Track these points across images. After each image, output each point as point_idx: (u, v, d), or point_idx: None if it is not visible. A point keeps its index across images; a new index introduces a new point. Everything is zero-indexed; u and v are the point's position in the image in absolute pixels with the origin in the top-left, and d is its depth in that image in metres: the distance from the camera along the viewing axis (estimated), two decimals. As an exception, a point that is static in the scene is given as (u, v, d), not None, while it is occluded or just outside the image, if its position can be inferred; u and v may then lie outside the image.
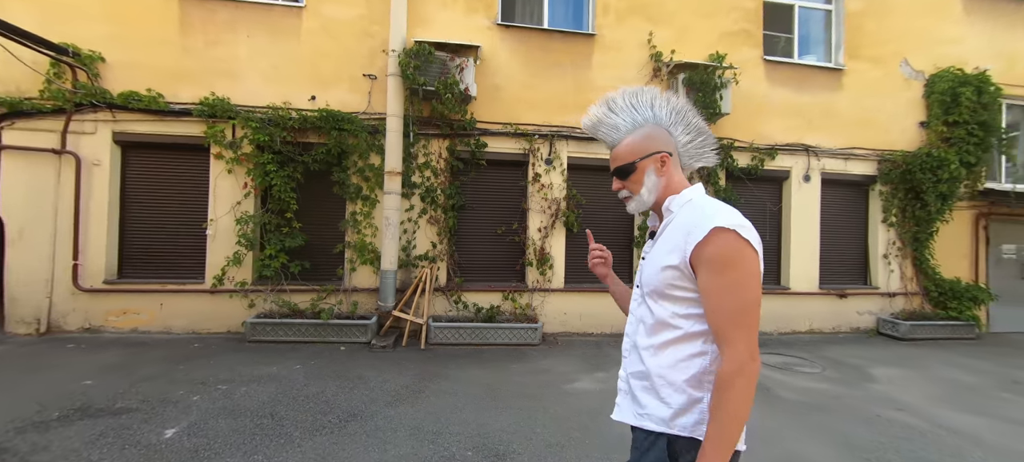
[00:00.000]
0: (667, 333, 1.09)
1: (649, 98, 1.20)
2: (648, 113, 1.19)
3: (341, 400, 3.60)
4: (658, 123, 1.19)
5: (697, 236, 1.01)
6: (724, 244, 0.99)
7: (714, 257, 0.99)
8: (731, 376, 0.95)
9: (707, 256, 1.00)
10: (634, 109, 1.19)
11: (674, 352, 1.08)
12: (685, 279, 1.05)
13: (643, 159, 1.15)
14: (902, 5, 7.00)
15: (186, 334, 5.31)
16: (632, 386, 1.17)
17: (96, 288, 5.20)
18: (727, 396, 0.95)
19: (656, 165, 1.15)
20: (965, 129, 6.63)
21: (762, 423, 3.47)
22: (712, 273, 1.00)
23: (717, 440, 0.95)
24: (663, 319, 1.09)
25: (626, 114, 1.20)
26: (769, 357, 5.42)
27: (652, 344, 1.11)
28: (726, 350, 0.98)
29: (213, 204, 5.40)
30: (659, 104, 1.20)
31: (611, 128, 1.21)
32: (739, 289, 0.98)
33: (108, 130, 5.27)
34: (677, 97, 1.21)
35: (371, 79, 5.69)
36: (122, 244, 5.43)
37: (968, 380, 4.77)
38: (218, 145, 5.35)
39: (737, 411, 0.95)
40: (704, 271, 1.01)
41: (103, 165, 5.25)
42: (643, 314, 1.16)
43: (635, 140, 1.17)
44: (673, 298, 1.08)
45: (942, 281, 6.80)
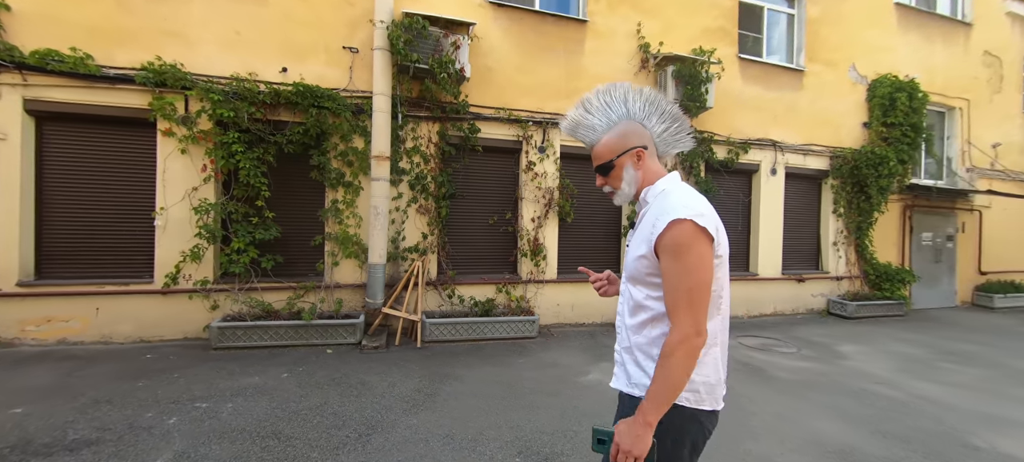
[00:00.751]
0: (643, 313, 1.22)
1: (622, 94, 1.27)
2: (622, 109, 1.27)
3: (350, 411, 3.22)
4: (632, 118, 1.27)
5: (659, 228, 1.12)
6: (679, 233, 1.09)
7: (670, 245, 1.10)
8: (674, 346, 1.07)
9: (664, 244, 1.11)
10: (608, 107, 1.27)
11: (650, 330, 1.20)
12: (653, 266, 1.17)
13: (620, 156, 1.24)
14: (851, 15, 7.67)
15: (132, 344, 4.50)
16: (623, 359, 1.30)
17: (7, 292, 4.22)
18: (668, 363, 1.07)
19: (633, 160, 1.24)
20: (900, 130, 7.46)
21: (772, 401, 3.65)
22: (668, 258, 1.11)
23: (655, 399, 1.07)
24: (639, 301, 1.22)
25: (601, 114, 1.27)
26: (748, 339, 5.76)
27: (634, 323, 1.24)
28: (674, 323, 1.10)
29: (162, 190, 4.59)
30: (631, 98, 1.28)
31: (589, 129, 1.29)
32: (689, 272, 1.09)
33: (17, 97, 4.25)
34: (649, 88, 1.28)
35: (352, 52, 5.13)
36: (40, 238, 4.45)
37: (914, 352, 5.40)
38: (167, 120, 4.53)
39: (676, 377, 1.07)
40: (663, 257, 1.13)
41: (11, 140, 4.24)
42: (626, 297, 1.29)
43: (611, 138, 1.25)
44: (646, 283, 1.20)
45: (878, 265, 7.67)
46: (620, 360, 1.31)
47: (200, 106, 4.56)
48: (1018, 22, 9.14)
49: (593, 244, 6.31)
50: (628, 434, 1.09)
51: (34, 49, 4.22)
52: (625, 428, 1.10)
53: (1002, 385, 4.29)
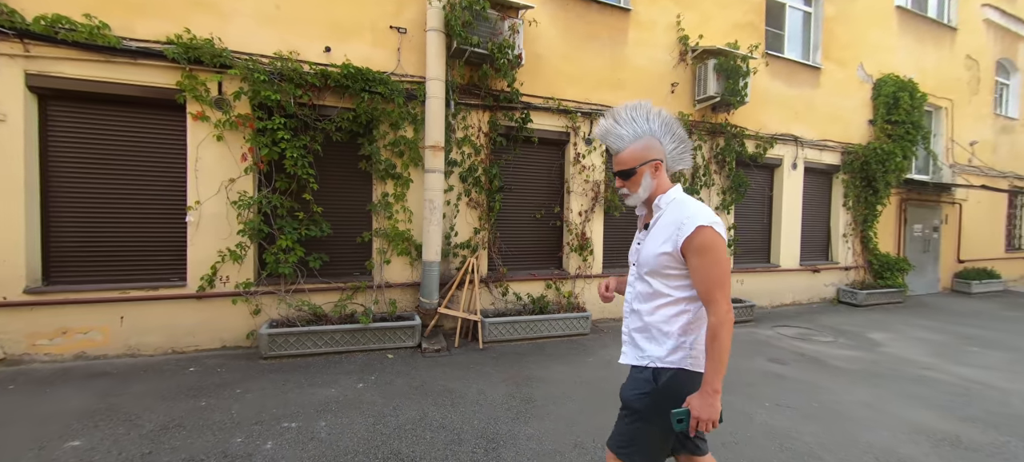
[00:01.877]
0: (660, 299, 1.46)
1: (645, 112, 1.48)
2: (645, 125, 1.47)
3: (456, 423, 2.98)
4: (652, 134, 1.47)
5: (687, 231, 1.36)
6: (706, 237, 1.35)
7: (699, 246, 1.35)
8: (719, 325, 1.33)
9: (694, 245, 1.35)
10: (634, 121, 1.47)
11: (665, 311, 1.45)
12: (675, 262, 1.41)
13: (642, 165, 1.45)
14: (859, 15, 7.99)
15: (163, 356, 3.99)
16: (634, 338, 1.54)
17: (12, 301, 3.60)
18: (719, 338, 1.32)
19: (651, 170, 1.46)
20: (903, 128, 7.90)
21: (851, 391, 3.74)
22: (698, 257, 1.36)
23: (716, 368, 1.33)
24: (657, 289, 1.46)
25: (628, 126, 1.47)
26: (784, 329, 5.94)
27: (649, 307, 1.48)
28: (713, 308, 1.34)
29: (194, 182, 4.06)
30: (652, 116, 1.48)
31: (617, 138, 1.48)
32: (718, 265, 1.35)
33: (18, 70, 3.59)
34: (665, 111, 1.50)
35: (401, 33, 4.74)
36: (46, 238, 3.82)
37: (934, 338, 5.75)
38: (200, 102, 4.00)
39: (726, 348, 1.33)
40: (692, 256, 1.36)
41: (11, 121, 3.59)
42: (641, 287, 1.51)
43: (636, 149, 1.46)
44: (665, 275, 1.44)
45: (881, 255, 8.14)
46: (630, 340, 1.55)
47: (239, 87, 4.06)
48: (993, 28, 9.90)
49: (623, 235, 6.27)
50: (702, 405, 1.33)
51: (39, 15, 3.57)
52: (698, 401, 1.34)
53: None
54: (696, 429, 1.35)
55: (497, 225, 5.28)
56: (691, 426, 1.35)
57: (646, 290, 1.48)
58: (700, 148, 6.42)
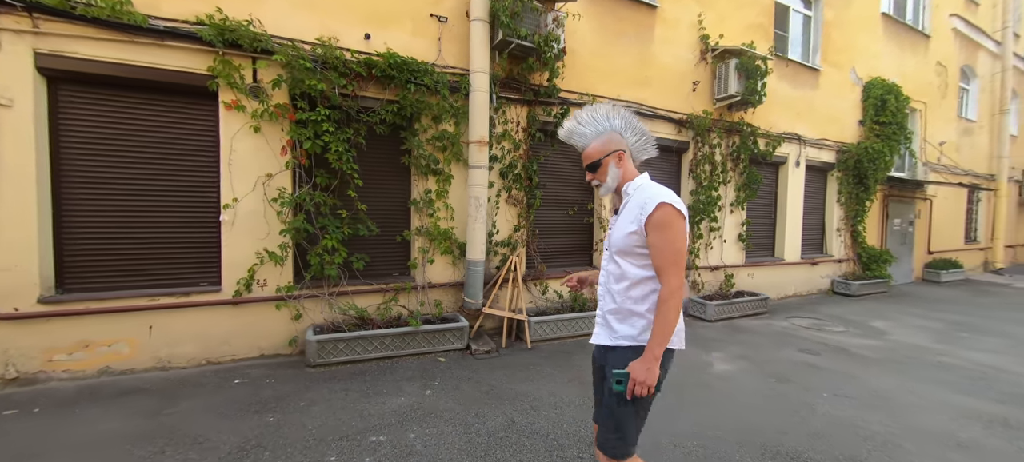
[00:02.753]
0: (630, 279, 1.54)
1: (604, 112, 1.62)
2: (606, 123, 1.61)
3: (547, 428, 2.90)
4: (613, 129, 1.61)
5: (649, 209, 1.46)
6: (664, 213, 1.45)
7: (657, 222, 1.44)
8: (668, 296, 1.42)
9: (653, 221, 1.45)
10: (595, 121, 1.62)
11: (636, 290, 1.53)
12: (641, 240, 1.49)
13: (606, 157, 1.58)
14: (852, 20, 8.41)
15: (197, 368, 3.65)
16: (608, 319, 1.61)
17: (26, 312, 3.17)
18: (665, 308, 1.42)
19: (615, 160, 1.58)
20: (890, 129, 8.43)
21: (885, 379, 3.95)
22: (656, 232, 1.45)
23: (659, 338, 1.42)
24: (627, 270, 1.54)
25: (590, 125, 1.62)
26: (798, 320, 6.22)
27: (621, 287, 1.56)
28: (664, 279, 1.45)
29: (228, 178, 3.71)
30: (612, 115, 1.62)
31: (581, 136, 1.63)
32: (673, 241, 1.44)
33: (26, 49, 3.14)
34: (624, 109, 1.64)
35: (441, 22, 4.52)
36: (58, 240, 3.39)
37: (929, 325, 6.20)
38: (234, 90, 3.66)
39: (672, 319, 1.42)
40: (651, 232, 1.46)
41: (19, 107, 3.13)
42: (613, 268, 1.60)
43: (599, 144, 1.59)
44: (635, 254, 1.52)
45: (868, 248, 8.69)
46: (604, 321, 1.63)
47: (277, 74, 3.73)
48: (958, 37, 10.71)
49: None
50: (641, 369, 1.42)
51: (52, -15, 3.12)
52: (638, 365, 1.43)
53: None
54: (632, 392, 1.44)
55: (535, 223, 5.19)
56: (628, 389, 1.44)
57: (617, 271, 1.56)
58: (719, 146, 6.58)
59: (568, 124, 1.65)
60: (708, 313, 5.97)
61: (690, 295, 6.37)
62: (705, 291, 6.52)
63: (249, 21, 3.63)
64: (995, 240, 11.94)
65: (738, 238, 6.95)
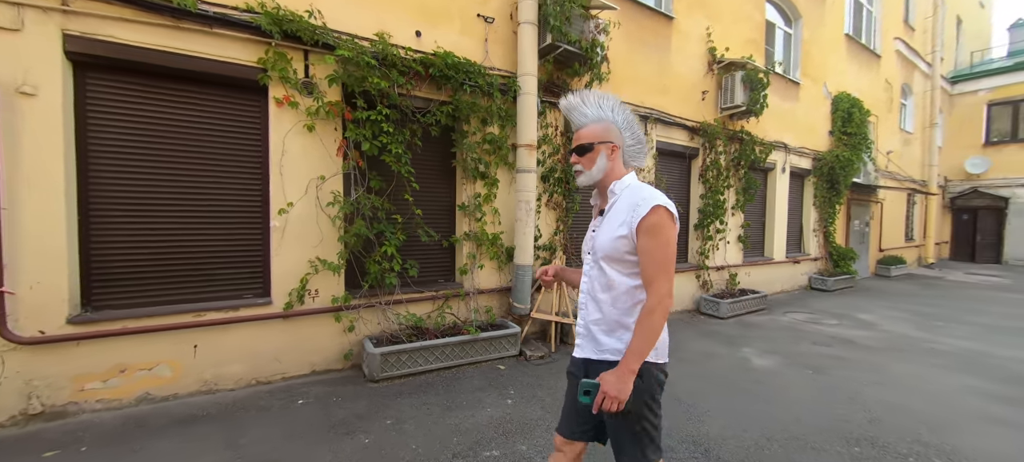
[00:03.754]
0: (619, 287, 1.42)
1: (611, 103, 1.51)
2: (610, 114, 1.49)
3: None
4: (615, 123, 1.49)
5: (642, 211, 1.34)
6: (658, 216, 1.34)
7: (651, 226, 1.33)
8: (654, 305, 1.32)
9: (646, 225, 1.34)
10: (600, 106, 1.50)
11: (624, 300, 1.41)
12: (631, 245, 1.37)
13: (600, 143, 1.46)
14: (824, 40, 9.22)
15: (247, 388, 3.32)
16: (591, 330, 1.49)
17: (54, 336, 2.73)
18: (650, 319, 1.31)
19: (607, 151, 1.46)
20: (856, 138, 9.32)
21: (906, 366, 4.38)
22: (648, 236, 1.34)
23: (637, 350, 1.31)
24: (615, 277, 1.42)
25: (594, 108, 1.49)
26: (795, 315, 6.71)
27: (609, 297, 1.44)
28: (652, 288, 1.33)
29: (279, 180, 3.41)
30: (617, 110, 1.51)
31: (581, 114, 1.51)
32: (665, 247, 1.34)
33: (53, 30, 2.71)
34: (628, 109, 1.53)
35: (488, 22, 4.44)
36: (85, 251, 2.94)
37: (903, 316, 6.91)
38: (286, 86, 3.37)
39: (654, 330, 1.31)
40: (643, 236, 1.34)
41: (43, 97, 2.70)
42: (597, 275, 1.47)
43: (597, 128, 1.47)
44: (623, 261, 1.40)
45: (837, 247, 9.55)
46: (587, 333, 1.49)
47: (333, 70, 3.49)
48: (900, 57, 12.05)
49: (671, 236, 6.61)
50: (614, 382, 1.29)
51: (88, -41, 2.72)
52: (611, 377, 1.30)
53: (995, 335, 5.78)
54: (601, 405, 1.31)
55: (572, 226, 5.21)
56: (596, 401, 1.32)
57: (603, 278, 1.45)
58: (724, 152, 6.95)
59: (572, 98, 1.51)
60: (721, 311, 6.30)
61: (701, 294, 6.68)
62: (713, 290, 6.86)
63: (310, 12, 3.36)
64: (927, 239, 13.55)
65: (738, 239, 7.38)
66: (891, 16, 11.51)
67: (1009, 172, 13.91)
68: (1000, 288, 9.81)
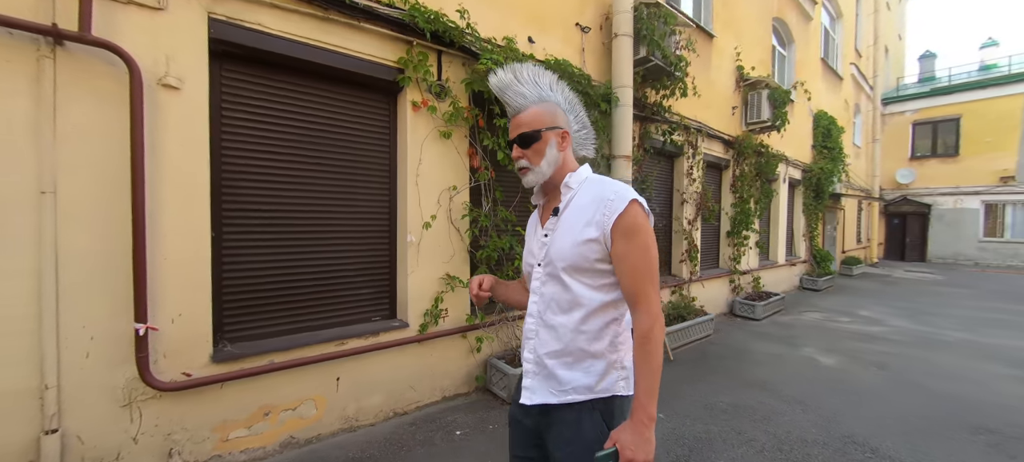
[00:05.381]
0: (585, 306, 1.11)
1: (549, 80, 1.25)
2: (549, 93, 1.23)
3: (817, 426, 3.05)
4: (558, 104, 1.23)
5: (617, 208, 1.07)
6: (636, 213, 1.08)
7: (630, 226, 1.06)
8: (649, 328, 1.03)
9: (623, 226, 1.06)
10: (538, 84, 1.22)
11: (593, 323, 1.11)
12: (603, 251, 1.09)
13: (548, 130, 1.17)
14: (808, 63, 10.18)
15: (387, 421, 2.99)
16: (548, 365, 1.14)
17: (200, 378, 2.27)
18: (649, 347, 1.02)
19: (558, 140, 1.19)
20: (833, 151, 10.38)
21: (942, 358, 4.94)
22: (627, 240, 1.06)
23: (649, 391, 1.01)
24: (580, 293, 1.11)
25: (531, 86, 1.21)
26: (810, 315, 7.32)
27: (570, 320, 1.11)
28: (641, 305, 1.05)
29: (415, 190, 3.12)
30: (557, 88, 1.25)
31: (518, 94, 1.21)
32: (648, 251, 1.07)
33: (199, 12, 2.27)
34: (568, 88, 1.29)
35: (584, 32, 4.39)
36: (217, 273, 2.49)
37: (897, 311, 7.79)
38: (422, 89, 3.11)
39: (658, 360, 1.03)
40: (620, 239, 1.06)
41: (188, 91, 2.26)
42: (554, 292, 1.15)
43: (541, 111, 1.19)
44: (592, 271, 1.10)
45: (819, 250, 10.55)
46: (540, 370, 1.15)
47: (469, 72, 3.26)
48: (854, 81, 13.62)
49: (709, 241, 6.93)
50: (634, 441, 0.99)
51: (244, -67, 2.32)
52: (629, 437, 1.00)
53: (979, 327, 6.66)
54: None
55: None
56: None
57: (563, 296, 1.13)
58: (749, 164, 7.42)
59: (503, 75, 1.22)
60: (757, 312, 6.70)
61: (734, 297, 7.06)
62: (743, 293, 7.28)
63: (462, 12, 3.11)
64: (872, 241, 15.39)
65: (755, 244, 7.91)
66: (848, 43, 12.98)
67: (931, 183, 16.21)
68: (941, 284, 11.35)
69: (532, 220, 1.35)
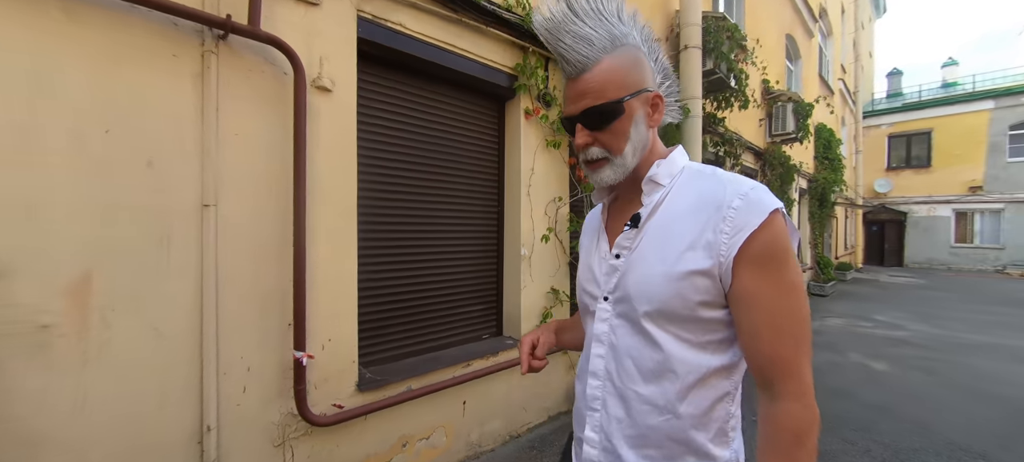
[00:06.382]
0: (685, 374, 0.73)
1: (616, 6, 0.76)
2: (621, 27, 0.76)
3: (909, 446, 3.09)
4: (638, 46, 0.78)
5: (750, 220, 0.68)
6: (780, 232, 0.69)
7: (769, 250, 0.68)
8: (809, 427, 0.66)
9: (760, 250, 0.68)
10: (601, 15, 0.74)
11: (696, 401, 0.73)
12: (717, 288, 0.71)
13: (632, 97, 0.75)
14: (809, 78, 10.65)
15: (503, 446, 2.82)
16: (622, 455, 0.78)
17: (350, 410, 2.05)
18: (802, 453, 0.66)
19: (647, 110, 0.78)
20: (834, 163, 10.86)
21: (976, 361, 5.17)
22: (763, 273, 0.68)
23: None
24: (674, 354, 0.73)
25: (594, 20, 0.74)
26: (832, 320, 7.57)
27: (659, 394, 0.74)
28: (790, 385, 0.67)
29: (527, 201, 2.98)
30: (631, 20, 0.78)
31: (578, 39, 0.73)
32: (798, 294, 0.69)
33: (350, 10, 2.09)
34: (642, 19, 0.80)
35: (655, 42, 4.38)
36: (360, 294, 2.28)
37: (907, 315, 8.17)
38: (534, 98, 3.00)
39: None
40: (750, 272, 0.68)
41: (338, 94, 2.07)
42: (631, 346, 0.77)
43: (618, 65, 0.74)
44: (696, 320, 0.72)
45: (823, 257, 10.98)
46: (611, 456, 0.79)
47: (555, 82, 3.18)
48: (841, 95, 14.35)
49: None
50: None
51: (397, -74, 2.16)
52: None
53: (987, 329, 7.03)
54: None
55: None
56: None
57: (647, 354, 0.75)
58: (774, 175, 7.64)
59: (555, 7, 0.74)
60: (789, 320, 6.85)
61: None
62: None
63: None
64: (856, 248, 16.18)
65: (777, 253, 8.13)
66: (836, 60, 13.68)
67: (906, 192, 17.24)
68: (925, 288, 12.03)
69: (590, 224, 0.92)
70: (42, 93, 1.35)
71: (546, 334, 1.02)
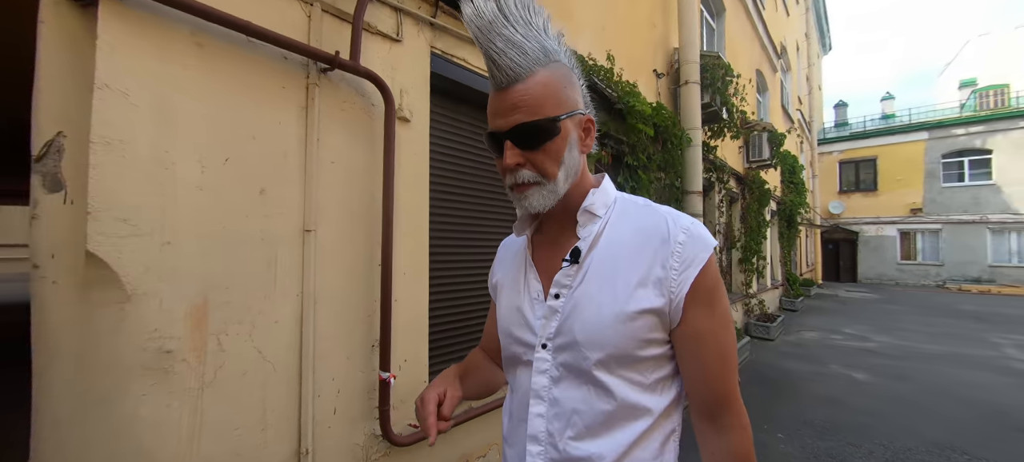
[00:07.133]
0: (638, 419, 0.67)
1: (542, 21, 0.68)
2: (551, 43, 0.67)
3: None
4: (569, 66, 0.70)
5: (696, 256, 0.65)
6: (716, 265, 0.69)
7: (714, 286, 0.67)
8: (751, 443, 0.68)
9: (708, 287, 0.66)
10: (530, 25, 0.65)
11: (649, 446, 0.67)
12: (664, 324, 0.67)
13: (569, 116, 0.67)
14: (774, 108, 11.57)
15: (547, 461, 2.89)
16: None
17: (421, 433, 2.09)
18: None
19: (580, 133, 0.71)
20: (798, 187, 11.75)
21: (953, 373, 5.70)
22: (712, 310, 0.67)
23: None
24: (630, 398, 0.66)
25: (525, 29, 0.65)
26: (807, 334, 8.12)
27: (613, 447, 0.66)
28: (731, 412, 0.68)
29: (560, 224, 3.15)
30: (557, 37, 0.70)
31: (509, 44, 0.63)
32: (730, 328, 0.69)
33: (424, 46, 2.23)
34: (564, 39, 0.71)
35: (658, 77, 4.75)
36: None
37: (871, 328, 8.87)
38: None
39: None
40: (702, 310, 0.66)
41: (416, 125, 2.18)
42: (580, 398, 0.68)
43: (554, 79, 0.66)
44: (645, 359, 0.67)
45: (792, 274, 11.74)
46: None
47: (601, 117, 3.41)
48: (799, 124, 15.59)
49: (724, 269, 7.49)
50: None
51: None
52: None
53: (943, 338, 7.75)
54: None
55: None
56: None
57: (598, 405, 0.67)
58: (753, 198, 8.21)
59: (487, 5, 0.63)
60: (771, 333, 7.30)
61: (746, 319, 7.64)
62: (754, 315, 7.91)
63: (610, 57, 3.27)
64: (816, 265, 17.35)
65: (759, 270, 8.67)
66: (793, 93, 14.93)
67: (857, 213, 18.75)
68: (880, 302, 13.06)
69: (507, 257, 0.84)
70: (173, 123, 1.40)
71: (452, 387, 0.84)
